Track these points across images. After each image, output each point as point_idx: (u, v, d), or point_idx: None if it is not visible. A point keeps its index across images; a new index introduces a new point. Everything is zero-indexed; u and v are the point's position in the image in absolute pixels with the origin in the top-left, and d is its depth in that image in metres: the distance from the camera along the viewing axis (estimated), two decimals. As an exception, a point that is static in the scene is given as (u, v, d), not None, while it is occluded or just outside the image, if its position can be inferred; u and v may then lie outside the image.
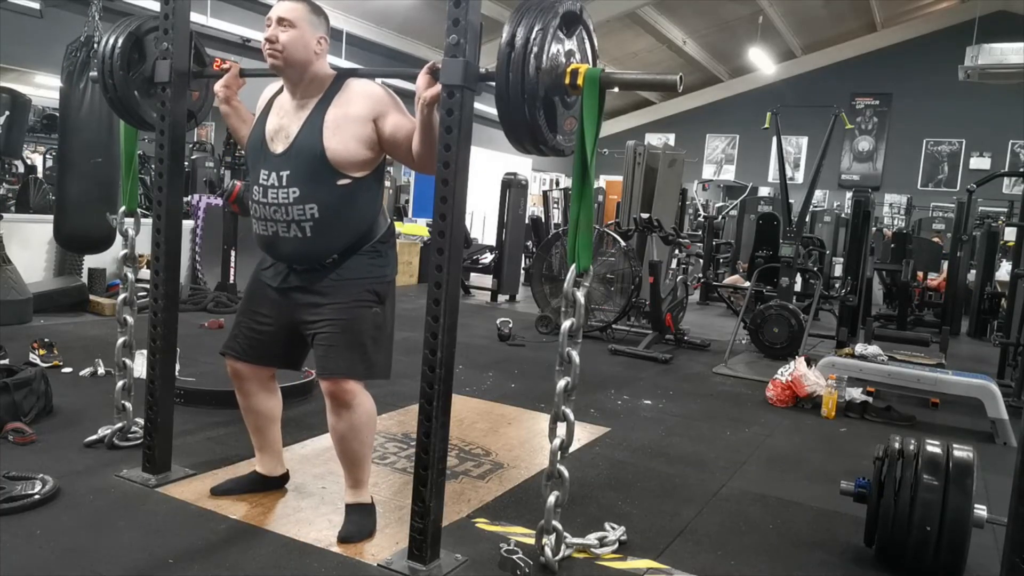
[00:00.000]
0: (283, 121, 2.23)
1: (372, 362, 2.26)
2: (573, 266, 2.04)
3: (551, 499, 2.16)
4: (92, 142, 4.07)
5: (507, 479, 2.92)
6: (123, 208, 2.85)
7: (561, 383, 2.08)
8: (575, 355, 2.08)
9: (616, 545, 2.39)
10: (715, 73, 16.45)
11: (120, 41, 2.53)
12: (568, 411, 2.10)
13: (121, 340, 2.88)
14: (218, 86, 2.41)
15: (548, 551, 2.20)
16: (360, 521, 2.33)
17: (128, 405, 2.91)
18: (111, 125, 4.08)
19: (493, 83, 1.93)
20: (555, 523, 2.19)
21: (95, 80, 2.66)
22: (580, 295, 2.04)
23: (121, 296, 2.88)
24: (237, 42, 9.05)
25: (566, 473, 2.15)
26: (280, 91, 2.32)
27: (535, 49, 1.82)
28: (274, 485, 2.61)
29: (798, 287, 7.29)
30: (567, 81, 1.92)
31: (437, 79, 2.00)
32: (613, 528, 2.47)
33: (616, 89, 1.99)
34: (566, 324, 2.06)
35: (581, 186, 2.00)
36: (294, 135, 2.19)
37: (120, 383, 2.89)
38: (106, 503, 2.44)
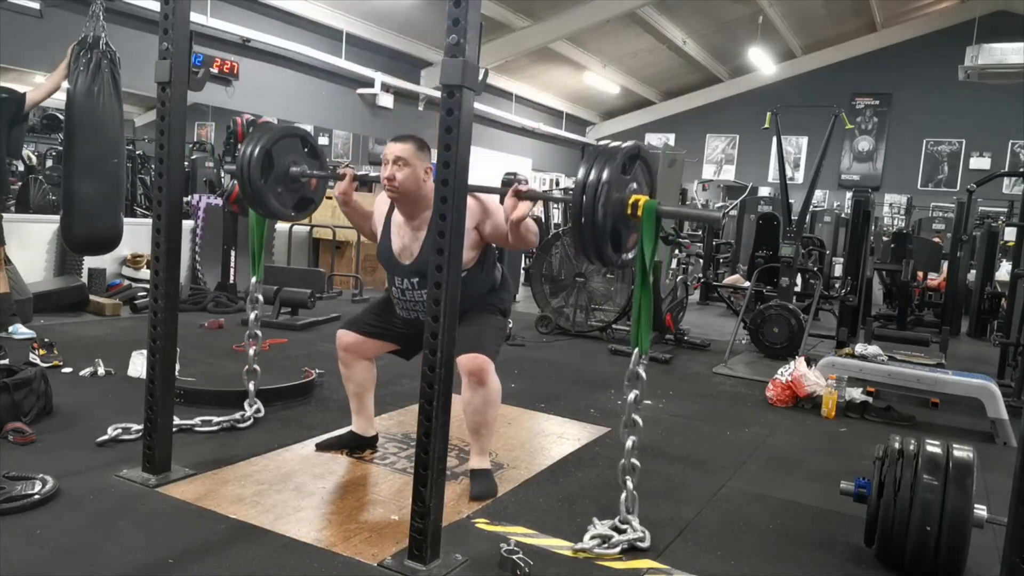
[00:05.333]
0: (405, 242, 2.77)
1: (489, 347, 2.75)
2: (637, 349, 2.37)
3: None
4: (108, 144, 4.07)
5: (507, 479, 2.92)
6: (254, 278, 3.21)
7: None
8: (643, 372, 2.42)
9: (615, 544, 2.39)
10: (715, 73, 16.42)
11: (256, 151, 2.93)
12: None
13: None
14: (337, 192, 2.85)
15: (629, 534, 2.39)
16: (486, 482, 2.76)
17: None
18: (122, 127, 4.14)
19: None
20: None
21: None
22: (642, 371, 2.41)
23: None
24: (237, 42, 9.02)
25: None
26: (394, 207, 2.80)
27: (602, 196, 2.17)
28: (367, 444, 3.09)
29: (798, 287, 7.28)
30: (628, 212, 2.25)
31: (521, 199, 2.47)
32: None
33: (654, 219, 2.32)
34: (630, 397, 2.44)
35: (642, 286, 2.35)
36: (417, 252, 2.73)
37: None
38: (106, 503, 2.44)
